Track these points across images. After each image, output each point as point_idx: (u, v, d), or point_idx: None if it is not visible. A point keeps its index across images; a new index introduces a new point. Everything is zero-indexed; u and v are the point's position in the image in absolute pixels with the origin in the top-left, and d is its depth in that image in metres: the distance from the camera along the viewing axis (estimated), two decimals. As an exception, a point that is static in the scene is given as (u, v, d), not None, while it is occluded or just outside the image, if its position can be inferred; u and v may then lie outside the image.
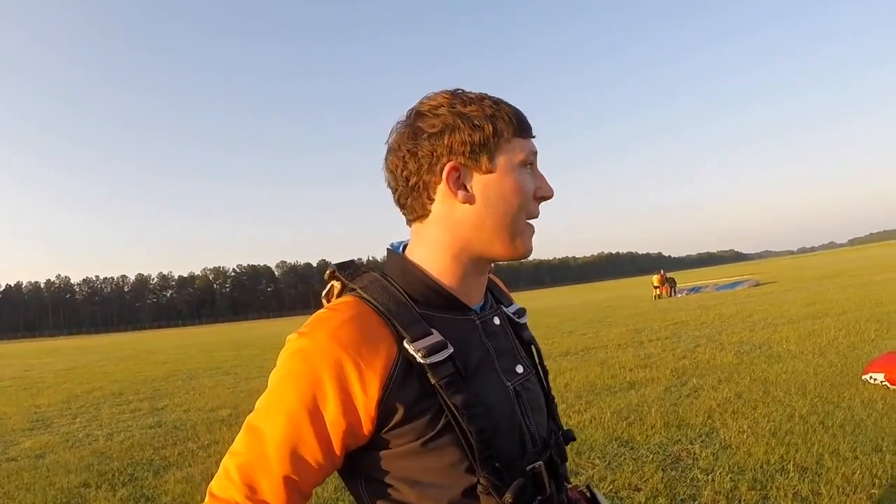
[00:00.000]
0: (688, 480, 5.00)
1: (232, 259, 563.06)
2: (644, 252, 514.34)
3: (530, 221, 1.20)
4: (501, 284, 1.46)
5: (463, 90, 1.19)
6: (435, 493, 1.08)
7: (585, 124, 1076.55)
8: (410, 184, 1.18)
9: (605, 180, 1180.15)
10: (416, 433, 1.07)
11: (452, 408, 1.06)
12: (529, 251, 1.20)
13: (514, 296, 1.48)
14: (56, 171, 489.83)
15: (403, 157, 1.17)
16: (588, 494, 1.33)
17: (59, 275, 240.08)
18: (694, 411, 7.07)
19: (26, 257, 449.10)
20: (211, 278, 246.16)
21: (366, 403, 1.04)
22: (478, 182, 1.16)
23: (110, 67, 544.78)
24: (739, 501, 4.48)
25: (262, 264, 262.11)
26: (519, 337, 1.34)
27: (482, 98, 1.17)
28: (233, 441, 1.10)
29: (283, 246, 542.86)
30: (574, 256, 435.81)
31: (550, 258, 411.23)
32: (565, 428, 1.36)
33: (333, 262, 1.24)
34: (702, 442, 5.94)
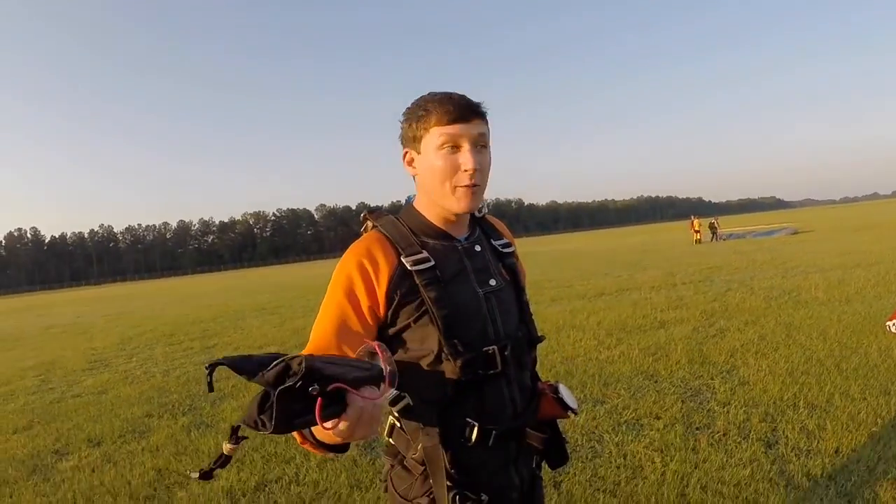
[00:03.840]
0: (704, 411, 5.39)
1: (272, 203, 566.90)
2: (684, 196, 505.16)
3: (464, 185, 1.62)
4: (496, 224, 1.96)
5: (428, 93, 1.69)
6: (420, 355, 1.62)
7: (623, 74, 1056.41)
8: None
9: (647, 125, 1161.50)
10: (408, 314, 1.61)
11: (428, 300, 1.60)
12: (462, 208, 1.65)
13: (549, 238, 2.12)
14: (89, 128, 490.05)
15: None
16: (555, 387, 1.82)
17: (103, 224, 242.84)
18: (717, 350, 7.44)
19: (70, 209, 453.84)
20: (251, 223, 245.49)
21: (379, 291, 1.60)
22: (417, 161, 1.69)
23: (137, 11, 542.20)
24: (749, 431, 4.83)
25: (301, 208, 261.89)
26: (501, 261, 1.83)
27: (426, 99, 1.66)
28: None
29: (323, 189, 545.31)
30: (613, 199, 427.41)
31: (589, 201, 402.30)
32: (540, 334, 1.86)
33: (368, 207, 1.94)
34: (722, 378, 6.31)
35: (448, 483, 1.59)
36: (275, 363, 1.04)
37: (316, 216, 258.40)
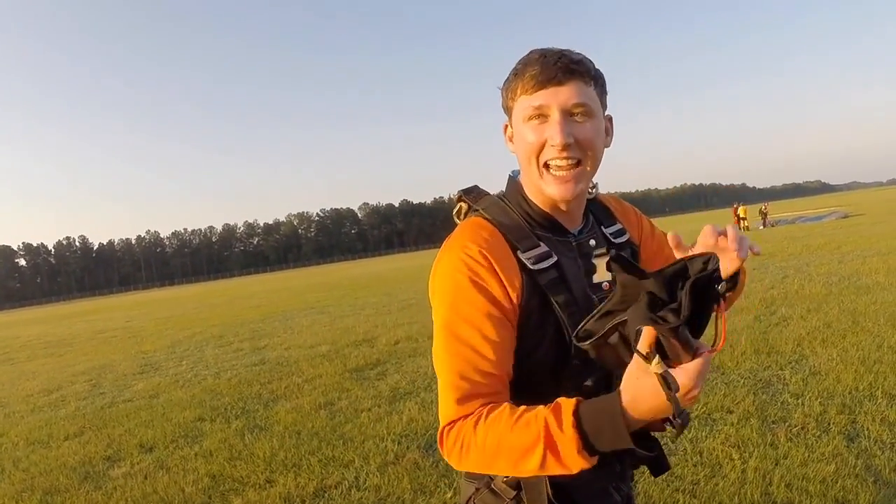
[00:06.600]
0: (778, 404, 5.16)
1: (315, 204, 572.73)
2: (728, 183, 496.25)
3: (554, 166, 1.33)
4: (611, 204, 1.65)
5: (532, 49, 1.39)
6: (532, 366, 1.36)
7: (666, 58, 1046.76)
8: None
9: (688, 110, 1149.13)
10: (534, 325, 1.33)
11: (556, 304, 1.33)
12: (555, 194, 1.35)
13: None
14: (138, 133, 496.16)
15: None
16: None
17: (149, 230, 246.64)
18: (783, 339, 7.17)
19: (116, 216, 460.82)
20: (296, 223, 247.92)
21: (513, 296, 1.30)
22: (512, 136, 1.43)
23: (173, 14, 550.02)
24: (829, 424, 4.60)
25: (344, 207, 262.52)
26: None
27: (518, 63, 1.37)
28: (334, 373, 1.37)
29: (366, 188, 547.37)
30: (657, 188, 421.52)
31: (632, 190, 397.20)
32: None
33: (459, 189, 1.52)
34: (792, 368, 6.07)
35: None
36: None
37: (359, 215, 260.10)
